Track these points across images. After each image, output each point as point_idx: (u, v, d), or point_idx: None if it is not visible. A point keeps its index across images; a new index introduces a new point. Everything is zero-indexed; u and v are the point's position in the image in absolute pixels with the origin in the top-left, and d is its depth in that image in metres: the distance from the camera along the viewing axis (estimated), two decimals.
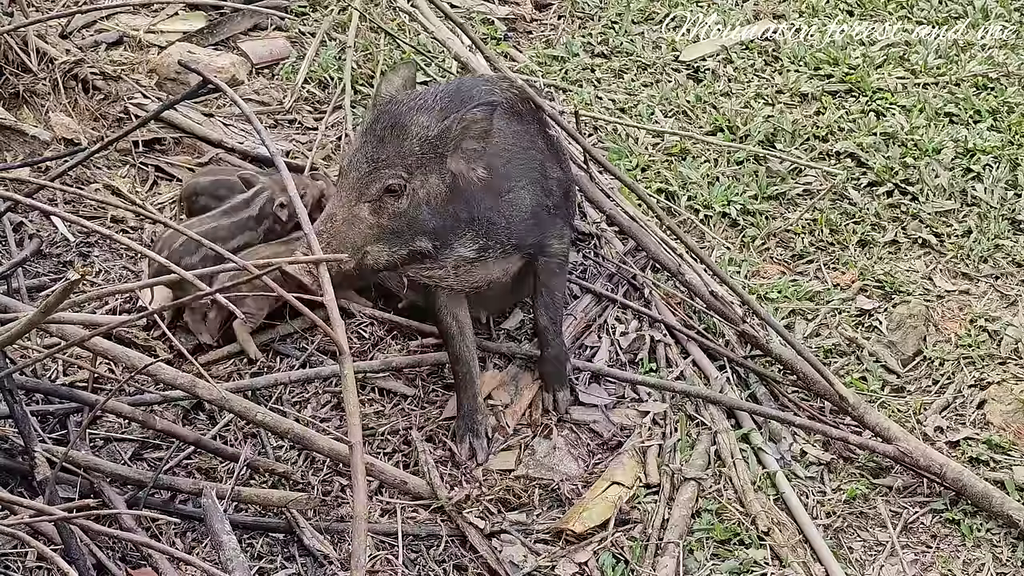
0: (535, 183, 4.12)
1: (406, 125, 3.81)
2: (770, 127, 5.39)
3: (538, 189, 4.13)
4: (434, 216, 3.84)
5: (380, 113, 3.86)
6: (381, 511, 3.98)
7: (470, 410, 4.18)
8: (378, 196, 3.77)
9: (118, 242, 3.74)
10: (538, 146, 4.22)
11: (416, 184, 3.80)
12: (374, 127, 3.83)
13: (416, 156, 3.79)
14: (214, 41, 5.75)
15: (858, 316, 4.63)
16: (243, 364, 4.38)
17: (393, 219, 3.79)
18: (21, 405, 3.66)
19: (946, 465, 4.01)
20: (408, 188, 3.78)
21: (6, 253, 4.57)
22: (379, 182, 3.77)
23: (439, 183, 3.83)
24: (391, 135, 3.80)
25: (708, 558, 3.87)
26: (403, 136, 3.80)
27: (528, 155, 4.14)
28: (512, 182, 4.05)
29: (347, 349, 3.09)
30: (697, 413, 4.28)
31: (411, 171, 3.78)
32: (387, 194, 3.77)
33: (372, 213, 3.77)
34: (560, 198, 4.26)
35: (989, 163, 5.20)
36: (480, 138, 3.84)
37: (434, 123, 3.82)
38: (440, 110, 3.86)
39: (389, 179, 3.76)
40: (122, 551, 3.73)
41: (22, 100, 5.11)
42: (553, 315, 4.27)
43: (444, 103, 3.90)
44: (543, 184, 4.16)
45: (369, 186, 3.76)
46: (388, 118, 3.83)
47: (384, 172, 3.77)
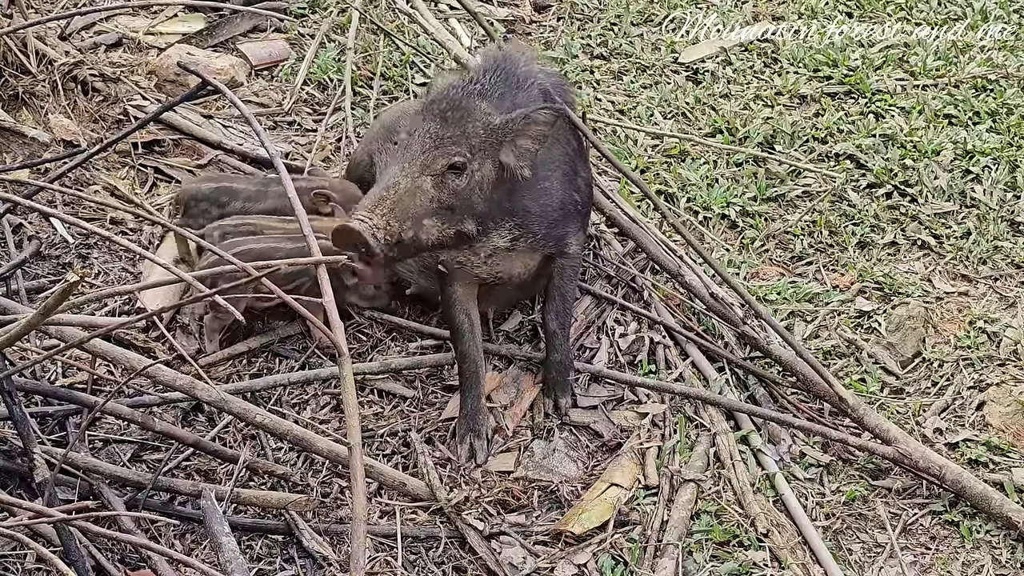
0: (567, 177, 4.20)
1: (470, 109, 3.89)
2: (769, 129, 5.39)
3: (568, 184, 4.20)
4: (483, 200, 3.91)
5: (439, 96, 3.93)
6: (380, 513, 3.98)
7: (473, 410, 4.18)
8: (442, 171, 3.84)
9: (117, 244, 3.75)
10: (571, 142, 4.27)
11: (475, 166, 3.87)
12: (433, 107, 3.91)
13: (480, 139, 3.87)
14: (213, 43, 5.75)
15: (857, 318, 4.63)
16: (242, 366, 4.38)
17: (452, 196, 3.86)
18: (20, 407, 3.66)
19: (945, 467, 4.01)
20: (469, 168, 3.86)
21: (5, 255, 4.58)
22: (445, 158, 3.84)
23: (492, 169, 3.90)
24: (454, 116, 3.88)
25: (707, 560, 3.87)
26: (467, 119, 3.88)
27: (562, 149, 4.19)
28: (547, 171, 4.11)
29: (346, 351, 3.09)
30: (696, 415, 4.28)
31: (473, 152, 3.86)
32: (450, 170, 3.84)
33: (434, 187, 3.84)
34: (586, 196, 4.33)
35: (988, 165, 5.20)
36: (537, 140, 3.93)
37: (496, 112, 3.90)
38: (499, 97, 3.96)
39: (455, 156, 3.84)
40: (121, 553, 3.72)
41: (21, 102, 5.11)
42: (563, 320, 4.28)
43: (503, 90, 3.99)
44: (573, 180, 4.23)
45: (435, 160, 3.83)
46: (449, 101, 3.91)
47: (451, 148, 3.84)
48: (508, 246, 4.06)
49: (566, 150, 4.21)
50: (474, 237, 3.95)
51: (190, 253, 4.57)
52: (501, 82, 4.01)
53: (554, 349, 4.29)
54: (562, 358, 4.29)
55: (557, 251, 4.20)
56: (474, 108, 3.90)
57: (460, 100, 3.91)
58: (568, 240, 4.22)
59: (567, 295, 4.29)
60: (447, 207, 3.86)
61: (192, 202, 4.57)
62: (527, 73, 4.12)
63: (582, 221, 4.33)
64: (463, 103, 3.90)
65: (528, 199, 4.04)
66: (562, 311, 4.28)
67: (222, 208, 4.53)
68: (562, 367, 4.29)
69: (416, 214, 3.81)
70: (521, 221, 4.04)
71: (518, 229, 4.05)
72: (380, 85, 5.53)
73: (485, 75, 4.01)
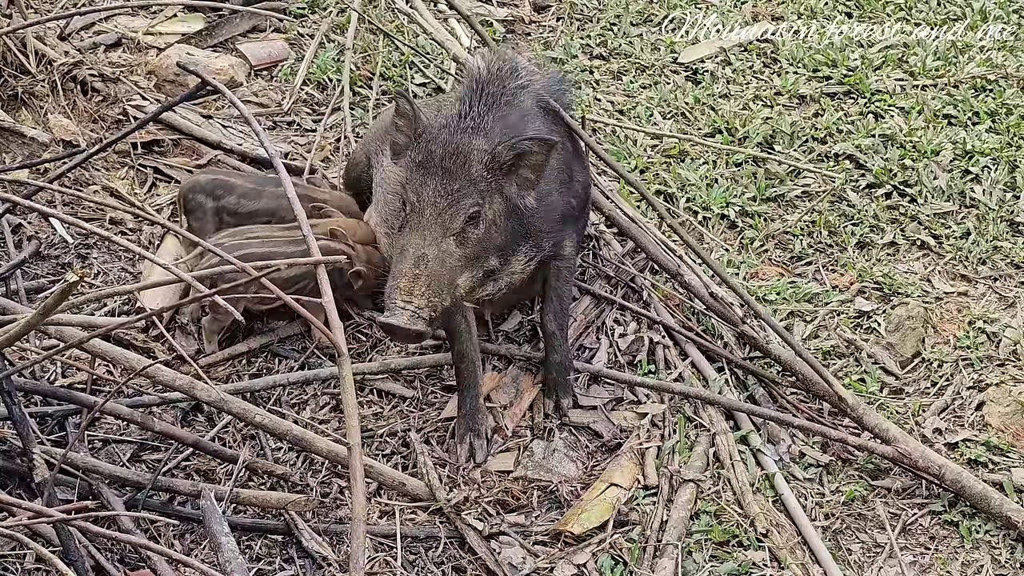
0: (564, 184, 4.19)
1: (467, 152, 3.84)
2: (769, 129, 5.39)
3: (565, 191, 4.19)
4: (500, 233, 3.91)
5: (430, 143, 3.86)
6: (380, 513, 3.98)
7: (472, 410, 4.18)
8: (461, 228, 3.81)
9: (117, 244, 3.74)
10: (567, 146, 4.26)
11: (487, 207, 3.85)
12: (431, 160, 3.84)
13: (485, 180, 3.83)
14: (213, 43, 5.75)
15: (857, 318, 4.63)
16: (242, 366, 4.39)
17: (475, 246, 3.85)
18: (20, 406, 3.66)
19: (945, 466, 4.01)
20: (483, 212, 3.84)
21: (5, 255, 4.57)
22: (462, 213, 3.80)
23: (501, 202, 3.89)
24: (455, 164, 3.82)
25: (707, 559, 3.87)
26: (468, 164, 3.83)
27: (560, 157, 4.17)
28: (549, 184, 4.09)
29: (346, 351, 3.09)
30: (696, 415, 4.28)
31: (483, 196, 3.83)
32: (469, 223, 3.82)
33: (459, 245, 3.82)
34: (582, 200, 4.32)
35: (988, 165, 5.20)
36: (535, 170, 3.89)
37: (492, 144, 3.85)
38: (492, 125, 3.90)
39: (471, 208, 3.81)
40: (120, 553, 3.72)
41: (21, 102, 5.11)
42: (561, 321, 4.28)
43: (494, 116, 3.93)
44: (570, 186, 4.22)
45: (452, 219, 3.79)
46: (444, 147, 3.84)
47: (464, 202, 3.80)
48: (523, 268, 4.07)
49: (562, 155, 4.19)
50: (496, 271, 3.96)
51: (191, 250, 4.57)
52: (489, 108, 3.96)
53: (553, 350, 4.29)
54: (562, 358, 4.29)
55: (553, 254, 4.20)
56: (471, 149, 3.84)
57: (457, 144, 3.85)
58: (564, 243, 4.21)
59: (564, 296, 4.29)
60: (473, 258, 3.85)
61: (190, 195, 4.57)
62: (517, 87, 4.08)
63: (577, 224, 4.34)
64: (460, 147, 3.84)
65: (537, 218, 4.03)
66: (560, 312, 4.28)
67: (217, 200, 4.53)
68: (562, 367, 4.29)
69: (451, 279, 3.80)
70: (535, 242, 4.05)
71: (534, 250, 4.06)
72: (379, 85, 5.53)
73: (472, 106, 3.94)
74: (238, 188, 4.58)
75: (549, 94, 4.24)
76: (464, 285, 3.87)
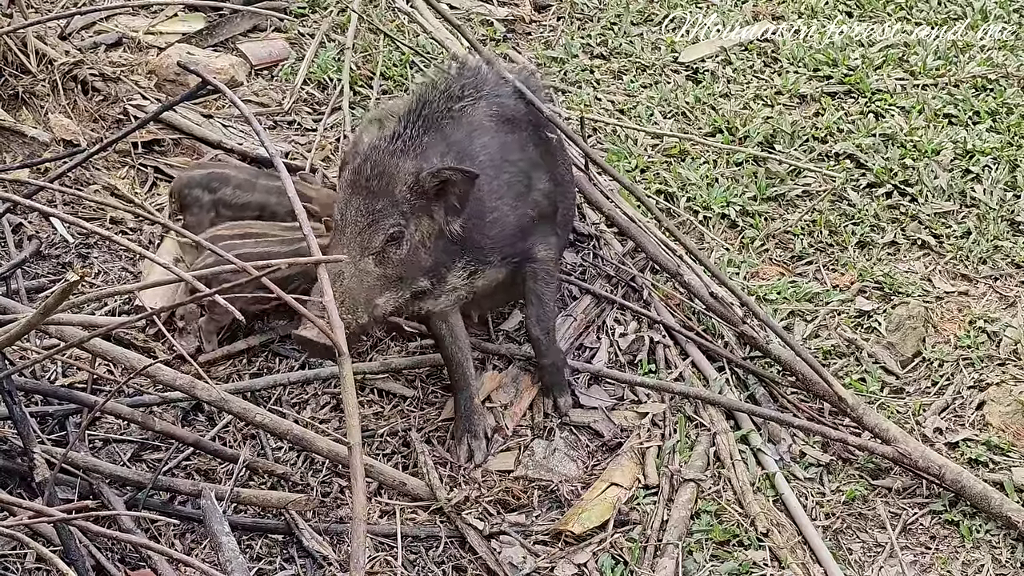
0: (519, 197, 4.12)
1: (392, 173, 3.83)
2: (769, 128, 5.39)
3: (521, 203, 4.13)
4: (430, 254, 3.89)
5: (362, 163, 3.85)
6: (380, 512, 3.98)
7: (467, 411, 4.18)
8: (381, 247, 3.80)
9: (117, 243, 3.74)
10: (527, 156, 4.19)
11: (412, 229, 3.84)
12: (359, 178, 3.84)
13: (408, 202, 3.82)
14: (213, 42, 5.75)
15: (857, 317, 4.63)
16: (242, 365, 4.39)
17: (397, 266, 3.83)
18: (20, 406, 3.66)
19: (945, 466, 4.01)
20: (406, 234, 3.82)
21: (5, 254, 4.57)
22: (381, 233, 3.80)
23: (430, 224, 3.87)
24: (380, 184, 3.82)
25: (707, 559, 3.87)
26: (392, 184, 3.82)
27: (515, 168, 4.13)
28: (496, 199, 4.06)
29: (346, 350, 3.08)
30: (696, 414, 4.28)
31: (407, 217, 3.82)
32: (389, 243, 3.81)
33: (377, 264, 3.81)
34: (547, 208, 4.24)
35: (988, 164, 5.20)
36: (460, 198, 3.86)
37: (422, 166, 3.83)
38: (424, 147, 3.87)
39: (391, 228, 3.80)
40: (121, 552, 3.72)
41: (21, 101, 5.11)
42: (545, 324, 4.24)
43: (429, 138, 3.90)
44: (527, 196, 4.15)
45: (371, 239, 3.80)
46: (372, 167, 3.84)
47: (384, 222, 3.80)
48: (465, 283, 4.04)
49: (520, 167, 4.14)
50: (430, 291, 3.94)
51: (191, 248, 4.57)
52: (427, 128, 3.93)
53: (542, 354, 4.26)
54: (552, 360, 4.27)
55: (523, 259, 4.17)
56: (397, 170, 3.83)
57: (383, 165, 3.83)
58: (534, 249, 4.17)
59: (544, 298, 4.23)
60: (396, 278, 3.84)
61: (185, 190, 4.57)
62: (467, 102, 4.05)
63: (550, 226, 4.26)
64: (386, 168, 3.83)
65: (476, 234, 3.99)
66: (542, 316, 4.22)
67: (213, 193, 4.54)
68: (555, 368, 4.28)
69: (367, 298, 3.79)
70: (473, 256, 4.01)
71: (472, 264, 4.02)
72: (380, 85, 5.53)
73: (407, 126, 3.91)
74: (233, 179, 4.59)
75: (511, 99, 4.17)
76: (386, 304, 3.85)
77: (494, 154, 4.08)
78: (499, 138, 4.12)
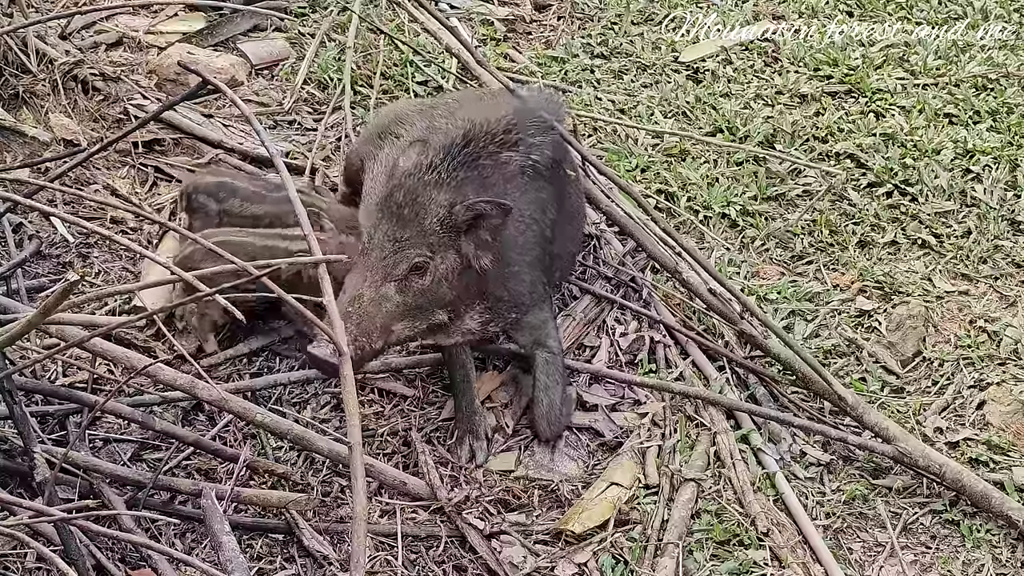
0: (538, 259, 4.16)
1: (425, 203, 3.82)
2: (769, 128, 5.39)
3: (538, 265, 4.17)
4: (452, 289, 3.89)
5: (395, 188, 3.85)
6: (381, 512, 3.98)
7: (468, 412, 4.19)
8: (404, 275, 3.80)
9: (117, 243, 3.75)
10: (549, 216, 4.20)
11: (438, 261, 3.84)
12: (390, 203, 3.84)
13: (437, 235, 3.82)
14: (214, 42, 5.75)
15: (857, 317, 4.63)
16: (243, 365, 4.38)
17: (418, 296, 3.83)
18: (21, 406, 3.66)
19: (945, 465, 4.01)
20: (432, 265, 3.82)
21: (5, 254, 4.57)
22: (405, 262, 3.80)
23: (456, 259, 3.87)
24: (410, 213, 3.81)
25: (707, 559, 3.87)
26: (423, 214, 3.81)
27: (539, 227, 4.15)
28: (521, 254, 4.08)
29: (347, 350, 3.09)
30: (696, 414, 4.28)
31: (434, 249, 3.82)
32: (413, 272, 3.81)
33: (399, 292, 3.81)
34: (555, 275, 4.32)
35: (988, 164, 5.20)
36: (492, 232, 3.87)
37: (454, 200, 3.82)
38: (459, 183, 3.86)
39: (415, 258, 3.80)
40: (121, 552, 3.72)
41: (22, 101, 5.11)
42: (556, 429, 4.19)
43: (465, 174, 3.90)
44: (543, 261, 4.19)
45: (395, 266, 3.79)
46: (405, 194, 3.83)
47: (410, 252, 3.79)
48: (479, 329, 4.05)
49: (543, 228, 4.16)
50: (445, 325, 3.95)
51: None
52: (464, 165, 3.92)
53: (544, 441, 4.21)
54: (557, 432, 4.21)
55: (535, 342, 4.19)
56: (429, 201, 3.82)
57: (416, 193, 3.83)
58: (547, 331, 4.20)
59: (552, 392, 4.19)
60: (415, 307, 3.84)
61: (194, 195, 4.58)
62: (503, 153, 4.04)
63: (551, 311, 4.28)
64: (418, 197, 3.82)
65: (497, 285, 4.01)
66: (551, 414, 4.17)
67: (220, 203, 4.53)
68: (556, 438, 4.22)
69: (384, 323, 3.79)
70: (492, 305, 4.02)
71: (489, 313, 4.03)
72: (380, 84, 5.53)
73: (444, 159, 3.90)
74: (241, 191, 4.58)
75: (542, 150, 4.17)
76: (402, 332, 3.86)
77: (523, 209, 4.09)
78: (530, 194, 4.13)
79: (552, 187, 4.24)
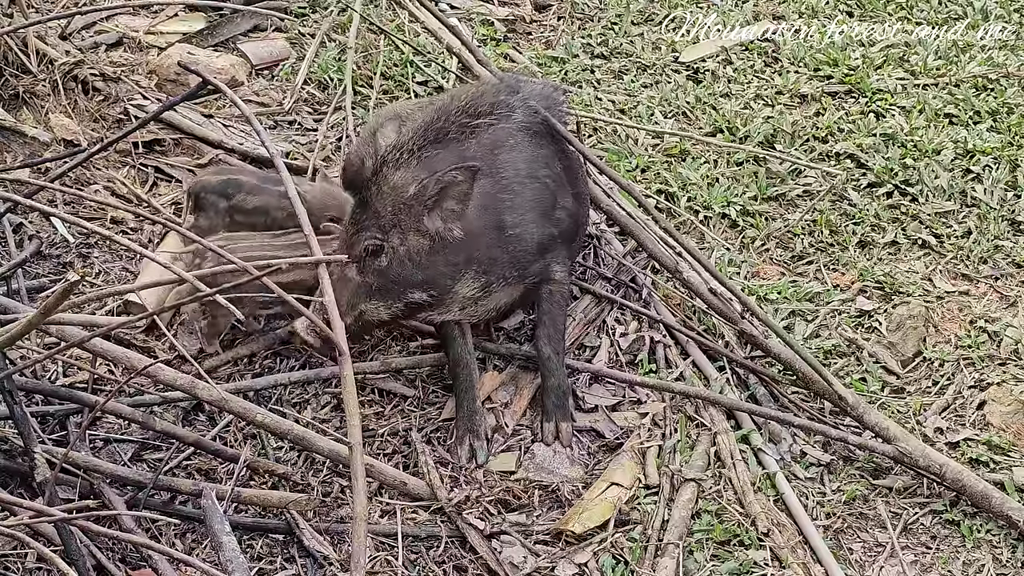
0: (543, 215, 4.17)
1: (380, 185, 3.94)
2: (770, 128, 5.39)
3: (546, 221, 4.18)
4: (421, 269, 3.96)
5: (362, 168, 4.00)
6: (381, 512, 3.98)
7: (469, 411, 4.18)
8: (359, 257, 3.93)
9: (118, 243, 3.75)
10: (553, 172, 4.22)
11: (395, 242, 3.92)
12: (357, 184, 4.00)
13: (390, 216, 3.91)
14: (214, 42, 5.75)
15: (858, 317, 4.63)
16: (243, 365, 4.38)
17: (378, 276, 3.95)
18: (21, 406, 3.66)
19: (946, 465, 4.01)
20: (386, 247, 3.91)
21: (6, 254, 4.57)
22: (359, 244, 3.93)
23: (418, 239, 3.93)
24: (367, 195, 3.95)
25: (708, 559, 3.86)
26: (377, 197, 3.93)
27: (540, 183, 4.17)
28: (519, 215, 4.10)
29: (347, 350, 3.09)
30: (697, 414, 4.27)
31: (386, 231, 3.91)
32: (368, 255, 3.93)
33: (359, 272, 3.94)
34: (568, 226, 4.30)
35: (989, 164, 5.20)
36: (460, 199, 3.91)
37: (411, 182, 3.90)
38: (424, 160, 3.94)
39: (367, 240, 3.92)
40: (122, 552, 3.72)
41: (22, 101, 5.11)
42: (556, 345, 4.24)
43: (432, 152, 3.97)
44: (551, 215, 4.20)
45: (353, 247, 3.93)
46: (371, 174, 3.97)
47: (363, 234, 3.92)
48: (479, 294, 4.08)
49: (545, 183, 4.18)
50: (429, 303, 4.00)
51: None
52: (435, 142, 3.99)
53: (551, 374, 4.24)
54: (559, 382, 4.23)
55: (541, 279, 4.22)
56: (384, 183, 3.92)
57: (376, 177, 3.95)
58: (552, 268, 4.22)
59: (557, 319, 4.27)
60: (379, 288, 3.94)
61: (203, 194, 4.58)
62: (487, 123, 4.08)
63: (568, 248, 4.32)
64: (378, 180, 3.94)
65: (496, 249, 4.04)
66: (554, 336, 4.25)
67: (229, 200, 4.53)
68: (560, 391, 4.23)
69: (350, 302, 3.92)
70: (486, 268, 4.05)
71: (484, 276, 4.06)
72: (380, 84, 5.53)
73: (414, 139, 3.98)
74: (245, 185, 4.59)
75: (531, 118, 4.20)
76: (374, 312, 3.98)
77: (520, 168, 4.11)
78: (527, 152, 4.15)
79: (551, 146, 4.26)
